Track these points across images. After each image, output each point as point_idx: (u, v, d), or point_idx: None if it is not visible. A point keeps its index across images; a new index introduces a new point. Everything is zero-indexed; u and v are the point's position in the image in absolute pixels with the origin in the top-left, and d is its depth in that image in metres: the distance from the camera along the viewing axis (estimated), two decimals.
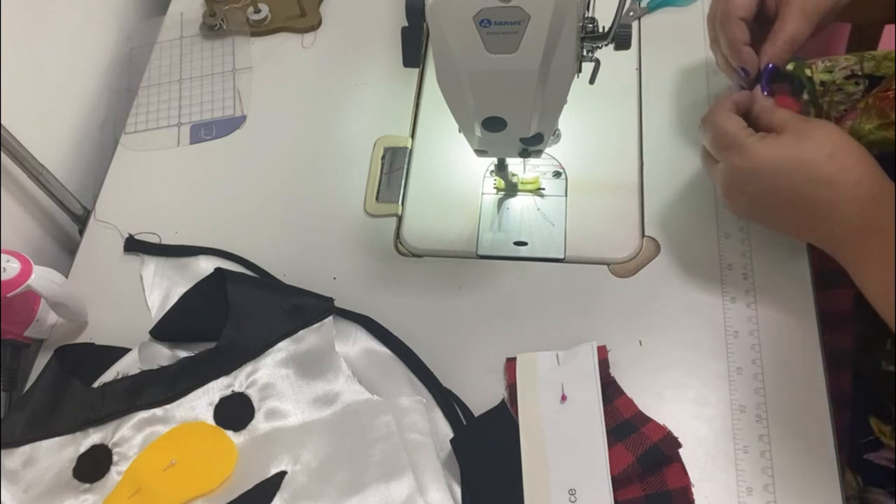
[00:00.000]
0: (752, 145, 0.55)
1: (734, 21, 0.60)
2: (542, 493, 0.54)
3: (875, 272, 0.52)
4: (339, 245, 0.70)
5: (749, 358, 0.60)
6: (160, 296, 0.68)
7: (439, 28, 0.47)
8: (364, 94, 0.80)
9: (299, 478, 0.56)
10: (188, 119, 0.81)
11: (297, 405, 0.60)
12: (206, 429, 0.59)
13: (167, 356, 0.63)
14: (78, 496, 0.57)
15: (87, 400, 0.59)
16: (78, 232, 0.77)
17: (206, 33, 0.87)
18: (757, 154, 0.54)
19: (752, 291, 0.63)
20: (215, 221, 0.73)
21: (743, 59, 0.60)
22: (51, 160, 0.74)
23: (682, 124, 0.72)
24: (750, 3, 0.60)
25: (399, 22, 0.56)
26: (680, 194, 0.69)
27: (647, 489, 0.54)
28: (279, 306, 0.62)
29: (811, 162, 0.53)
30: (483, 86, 0.51)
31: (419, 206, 0.72)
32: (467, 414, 0.59)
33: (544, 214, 0.69)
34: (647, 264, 0.65)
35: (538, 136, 0.58)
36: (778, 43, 0.58)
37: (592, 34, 0.53)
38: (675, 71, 0.75)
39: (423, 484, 0.54)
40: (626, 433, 0.56)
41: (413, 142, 0.76)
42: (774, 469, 0.55)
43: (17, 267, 0.58)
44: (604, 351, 0.60)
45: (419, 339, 0.63)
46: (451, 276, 0.67)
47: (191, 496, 0.56)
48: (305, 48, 0.85)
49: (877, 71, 0.78)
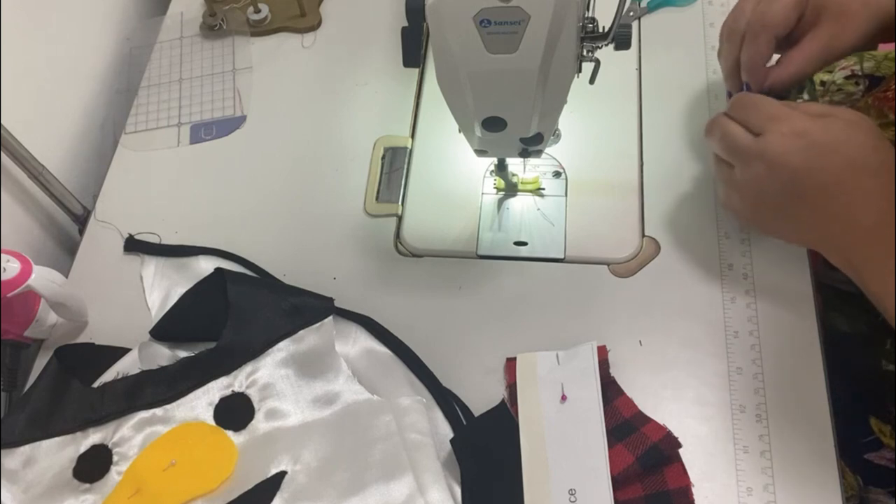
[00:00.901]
0: (800, 118, 0.51)
1: (767, 38, 0.57)
2: (542, 493, 0.54)
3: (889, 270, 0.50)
4: (339, 245, 0.70)
5: (749, 358, 0.60)
6: (160, 296, 0.68)
7: (439, 28, 0.47)
8: (364, 94, 0.80)
9: (299, 478, 0.56)
10: (188, 119, 0.81)
11: (297, 405, 0.60)
12: (206, 429, 0.59)
13: (167, 356, 0.63)
14: (78, 496, 0.57)
15: (87, 400, 0.59)
16: (78, 232, 0.77)
17: (206, 33, 0.87)
18: (808, 129, 0.51)
19: (752, 291, 0.63)
20: (215, 221, 0.73)
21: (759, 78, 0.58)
22: (51, 160, 0.74)
23: (682, 124, 0.72)
24: (787, 20, 0.57)
25: (399, 22, 0.56)
26: (680, 194, 0.69)
27: (647, 489, 0.54)
28: (279, 306, 0.62)
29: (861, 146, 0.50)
30: (483, 86, 0.51)
31: (419, 206, 0.72)
32: (467, 414, 0.59)
33: (544, 214, 0.69)
34: (647, 264, 0.66)
35: (538, 136, 0.58)
36: (789, 70, 0.56)
37: (592, 34, 0.53)
38: (675, 71, 0.75)
39: (423, 484, 0.54)
40: (626, 433, 0.56)
41: (413, 142, 0.76)
42: (774, 469, 0.55)
43: (17, 267, 0.58)
44: (604, 351, 0.60)
45: (419, 339, 0.63)
46: (451, 276, 0.67)
47: (191, 496, 0.56)
48: (305, 48, 0.85)
49: (877, 71, 0.78)
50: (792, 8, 0.56)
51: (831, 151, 0.50)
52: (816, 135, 0.51)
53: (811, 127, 0.51)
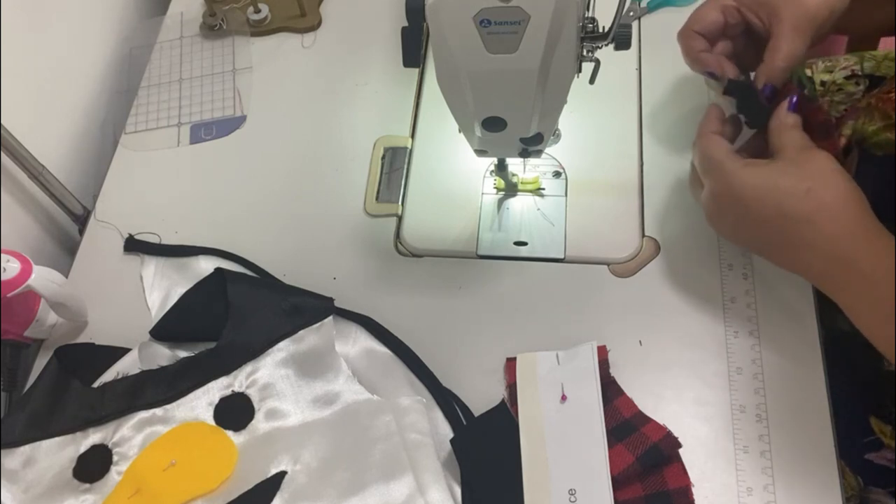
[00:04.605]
0: (733, 171, 0.54)
1: (688, 33, 0.62)
2: (542, 492, 0.54)
3: (860, 310, 0.52)
4: (339, 245, 0.70)
5: (749, 358, 0.60)
6: (160, 296, 0.68)
7: (439, 28, 0.47)
8: (364, 94, 0.80)
9: (299, 478, 0.56)
10: (188, 119, 0.81)
11: (297, 405, 0.60)
12: (206, 429, 0.59)
13: (167, 356, 0.63)
14: (78, 496, 0.57)
15: (87, 400, 0.59)
16: (78, 232, 0.77)
17: (206, 33, 0.87)
18: (735, 180, 0.54)
19: (752, 291, 0.63)
20: (215, 221, 0.73)
21: (703, 64, 0.61)
22: (51, 160, 0.74)
23: (682, 124, 0.72)
24: (712, 21, 0.61)
25: (399, 22, 0.56)
26: (680, 194, 0.68)
27: (647, 489, 0.54)
28: (279, 306, 0.62)
29: (788, 195, 0.52)
30: (483, 86, 0.51)
31: (419, 206, 0.72)
32: (467, 414, 0.59)
33: (544, 214, 0.69)
34: (647, 264, 0.66)
35: (538, 136, 0.58)
36: (773, 63, 0.58)
37: (592, 34, 0.53)
38: (675, 71, 0.75)
39: (423, 484, 0.54)
40: (626, 433, 0.56)
41: (413, 142, 0.76)
42: (774, 469, 0.55)
43: (17, 267, 0.58)
44: (604, 351, 0.60)
45: (419, 339, 0.63)
46: (451, 276, 0.67)
47: (191, 496, 0.56)
48: (305, 48, 0.85)
49: (877, 71, 0.78)
50: (716, 10, 0.61)
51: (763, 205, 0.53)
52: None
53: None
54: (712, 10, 0.61)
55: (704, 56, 0.61)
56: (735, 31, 0.62)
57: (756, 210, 0.53)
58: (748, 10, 0.60)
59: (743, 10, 0.60)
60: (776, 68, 0.57)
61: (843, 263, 0.51)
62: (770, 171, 0.53)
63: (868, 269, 0.50)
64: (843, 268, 0.51)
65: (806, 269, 0.55)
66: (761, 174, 0.53)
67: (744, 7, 0.60)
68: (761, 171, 0.54)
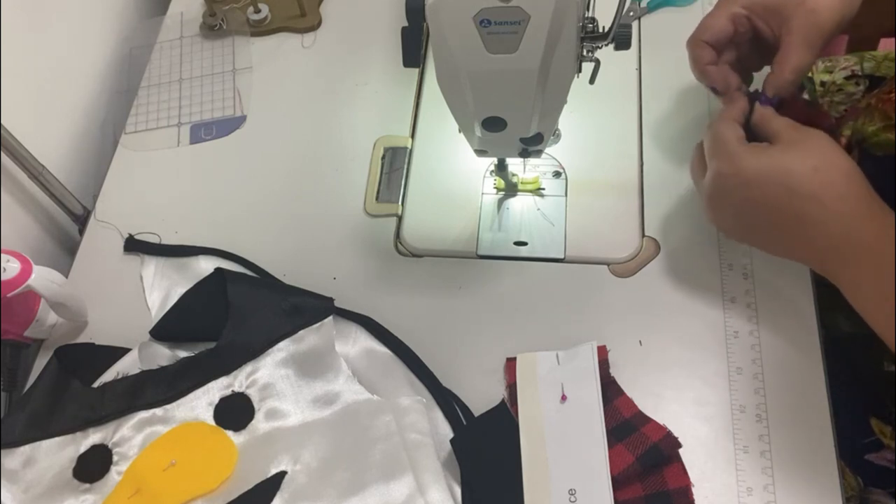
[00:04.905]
0: (740, 153, 0.54)
1: (697, 43, 0.61)
2: (542, 492, 0.54)
3: (862, 288, 0.52)
4: (339, 245, 0.70)
5: (749, 358, 0.60)
6: (160, 296, 0.68)
7: (439, 28, 0.47)
8: (364, 94, 0.80)
9: (299, 478, 0.56)
10: (188, 119, 0.81)
11: (297, 405, 0.60)
12: (206, 429, 0.59)
13: (167, 356, 0.63)
14: (78, 496, 0.57)
15: (87, 400, 0.59)
16: (78, 232, 0.77)
17: (206, 33, 0.87)
18: (743, 162, 0.54)
19: (752, 291, 0.63)
20: (215, 221, 0.73)
21: (709, 79, 0.61)
22: (51, 160, 0.74)
23: (682, 124, 0.72)
24: (721, 30, 0.60)
25: (399, 22, 0.56)
26: (680, 194, 0.68)
27: (647, 489, 0.54)
28: (279, 306, 0.62)
29: (796, 174, 0.52)
30: (483, 86, 0.51)
31: (419, 206, 0.72)
32: (467, 414, 0.59)
33: (544, 214, 0.69)
34: (647, 264, 0.65)
35: (538, 136, 0.58)
36: (782, 74, 0.57)
37: (592, 34, 0.53)
38: (675, 71, 0.75)
39: (423, 484, 0.54)
40: (626, 433, 0.56)
41: (413, 142, 0.76)
42: (774, 469, 0.55)
43: (17, 267, 0.58)
44: (604, 351, 0.60)
45: (419, 339, 0.63)
46: (451, 276, 0.67)
47: (191, 496, 0.56)
48: (305, 48, 0.85)
49: (877, 71, 0.78)
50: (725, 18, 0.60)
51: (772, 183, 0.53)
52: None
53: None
54: (721, 19, 0.61)
55: (711, 70, 0.61)
56: (743, 39, 0.61)
57: (762, 189, 0.53)
58: (758, 17, 0.60)
59: (753, 18, 0.60)
60: (785, 80, 0.57)
61: (849, 240, 0.51)
62: (774, 150, 0.54)
63: (875, 244, 0.50)
64: (848, 244, 0.51)
65: (807, 249, 0.54)
66: (766, 153, 0.54)
67: (754, 15, 0.60)
68: (766, 151, 0.54)
